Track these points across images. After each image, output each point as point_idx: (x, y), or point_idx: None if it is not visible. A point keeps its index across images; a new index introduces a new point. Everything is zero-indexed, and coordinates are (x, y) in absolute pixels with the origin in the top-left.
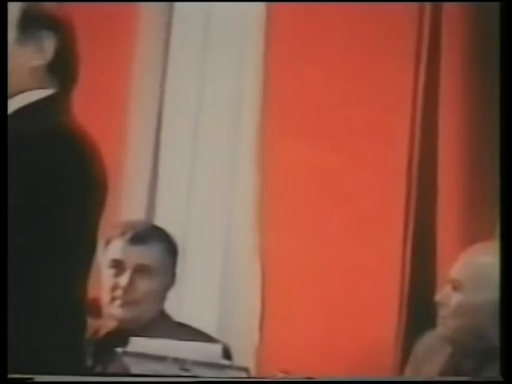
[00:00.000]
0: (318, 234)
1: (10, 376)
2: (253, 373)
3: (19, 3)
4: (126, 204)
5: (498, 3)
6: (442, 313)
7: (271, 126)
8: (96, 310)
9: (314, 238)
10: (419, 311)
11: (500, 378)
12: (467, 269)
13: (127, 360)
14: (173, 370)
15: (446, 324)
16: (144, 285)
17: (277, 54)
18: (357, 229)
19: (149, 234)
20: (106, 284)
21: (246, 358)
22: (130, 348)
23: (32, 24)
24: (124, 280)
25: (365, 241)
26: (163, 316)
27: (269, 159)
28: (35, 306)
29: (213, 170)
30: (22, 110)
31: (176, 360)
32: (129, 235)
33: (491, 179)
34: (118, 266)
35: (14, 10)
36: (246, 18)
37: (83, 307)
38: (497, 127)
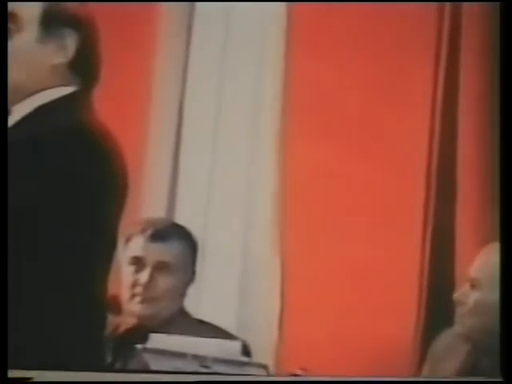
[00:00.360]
0: (337, 233)
1: (11, 376)
2: (271, 370)
3: (41, 1)
4: (146, 202)
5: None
6: (460, 311)
7: (290, 125)
8: (116, 307)
9: (332, 236)
10: (437, 310)
11: (500, 378)
12: (485, 267)
13: (147, 356)
14: (192, 366)
15: (463, 322)
16: (164, 282)
17: (297, 54)
18: (376, 228)
19: (169, 232)
20: (126, 281)
21: (265, 355)
22: (149, 345)
23: (54, 22)
24: (144, 277)
25: (384, 240)
26: (183, 313)
27: (288, 158)
28: (56, 302)
29: (232, 168)
30: (44, 108)
31: (196, 357)
32: (149, 232)
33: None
34: (138, 263)
35: (36, 9)
36: (267, 18)
37: (103, 304)
38: None
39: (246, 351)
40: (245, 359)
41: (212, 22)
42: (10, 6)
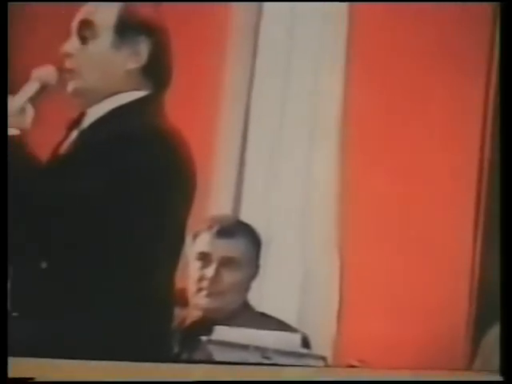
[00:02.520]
0: (394, 230)
1: (11, 376)
2: (330, 361)
3: (116, 8)
4: (213, 200)
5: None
6: None
7: (350, 125)
8: (183, 300)
9: (390, 233)
10: (488, 304)
11: (500, 378)
12: None
13: (211, 348)
14: (254, 357)
15: None
16: (229, 276)
17: (358, 56)
18: (429, 225)
19: (234, 229)
20: (193, 275)
21: (323, 347)
22: (214, 336)
23: (128, 29)
24: (210, 272)
25: (436, 237)
26: (246, 306)
27: (348, 156)
28: (126, 296)
29: (294, 167)
30: (117, 110)
31: (257, 348)
32: (215, 229)
33: None
34: (204, 258)
35: (111, 16)
36: (329, 17)
37: (171, 297)
38: None
39: (305, 343)
40: (304, 351)
41: (278, 23)
42: (86, 13)
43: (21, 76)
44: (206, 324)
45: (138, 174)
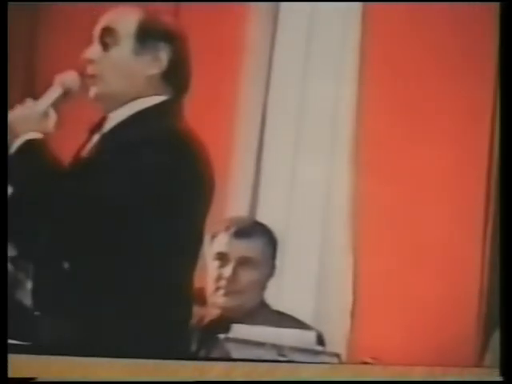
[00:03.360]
0: (406, 231)
1: (11, 376)
2: (344, 358)
3: (136, 16)
4: (231, 201)
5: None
6: None
7: (367, 129)
8: (201, 299)
9: (403, 234)
10: (497, 303)
11: (500, 378)
12: None
13: (229, 346)
14: (271, 355)
15: None
16: (246, 276)
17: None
18: (440, 229)
19: (251, 229)
20: (211, 275)
21: (338, 344)
22: (232, 334)
23: (148, 36)
24: (228, 271)
25: (447, 240)
26: (263, 305)
27: (364, 161)
28: (146, 294)
29: (311, 170)
30: (139, 114)
31: (274, 346)
32: (233, 230)
33: None
34: (222, 258)
35: (132, 24)
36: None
37: (190, 296)
38: None
39: (320, 341)
40: (319, 348)
41: (294, 30)
42: (107, 21)
43: (44, 81)
44: (223, 322)
45: (158, 176)
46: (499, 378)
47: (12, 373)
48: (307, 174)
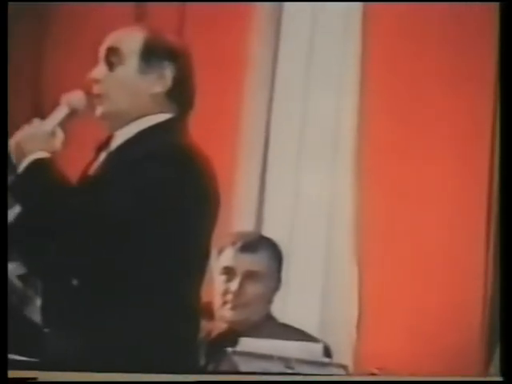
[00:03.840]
0: (410, 241)
1: (11, 376)
2: (351, 370)
3: (141, 35)
4: (236, 216)
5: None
6: None
7: (369, 140)
8: (209, 313)
9: (407, 243)
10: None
11: (500, 378)
12: None
13: (237, 359)
14: (278, 367)
15: None
16: (252, 289)
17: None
18: (444, 239)
19: (257, 243)
20: (218, 289)
21: (344, 355)
22: (239, 348)
23: (153, 55)
24: (234, 285)
25: (451, 251)
26: (270, 318)
27: (366, 173)
28: (154, 310)
29: (315, 183)
30: (145, 132)
31: (281, 358)
32: (239, 244)
33: None
34: (229, 272)
35: (136, 43)
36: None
37: (197, 310)
38: None
39: (327, 353)
40: (326, 360)
41: (296, 43)
42: (112, 40)
43: (51, 101)
44: (231, 336)
45: (164, 192)
46: (499, 378)
47: None
48: (311, 188)
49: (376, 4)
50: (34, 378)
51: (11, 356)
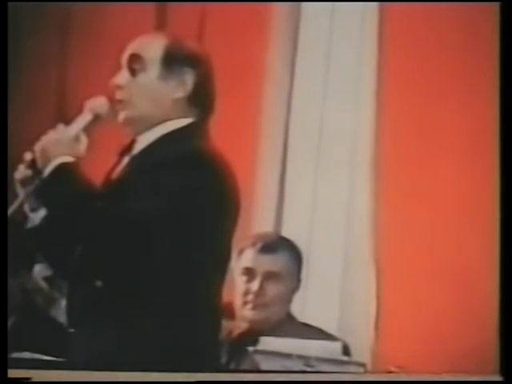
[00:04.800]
0: (427, 243)
1: (10, 376)
2: (369, 368)
3: (162, 42)
4: (256, 218)
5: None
6: None
7: (386, 147)
8: (230, 313)
9: (423, 245)
10: None
11: (500, 378)
12: None
13: (257, 357)
14: (298, 366)
15: None
16: (273, 289)
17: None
18: (461, 240)
19: (277, 244)
20: (239, 289)
21: (363, 354)
22: (260, 347)
23: (174, 62)
24: (255, 285)
25: (469, 250)
26: (289, 317)
27: (383, 178)
28: (176, 310)
29: (333, 187)
30: (166, 137)
31: (301, 357)
32: (259, 245)
33: None
34: (249, 273)
35: (158, 51)
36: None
37: (219, 310)
38: None
39: (346, 351)
40: (345, 358)
41: (314, 53)
42: (134, 48)
43: (75, 107)
44: (252, 335)
45: (187, 195)
46: (499, 378)
47: None
48: (329, 191)
49: (392, 4)
50: (29, 378)
51: (37, 356)
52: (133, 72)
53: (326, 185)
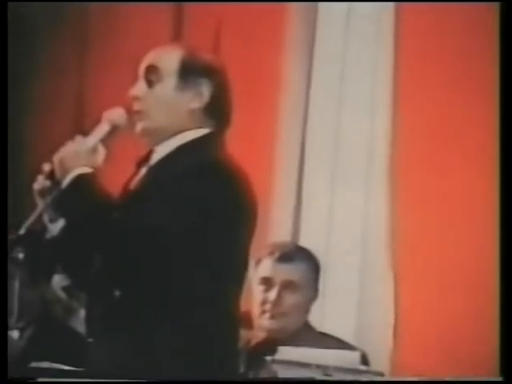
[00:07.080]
0: (444, 250)
1: (10, 376)
2: (387, 377)
3: (178, 54)
4: (273, 228)
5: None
6: None
7: (403, 154)
8: (248, 322)
9: (439, 252)
10: None
11: (500, 378)
12: None
13: (275, 367)
14: (316, 375)
15: None
16: (290, 299)
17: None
18: (476, 248)
19: (294, 254)
20: (257, 299)
21: (381, 363)
22: (278, 356)
23: (190, 73)
24: (272, 295)
25: (485, 259)
26: (307, 327)
27: (400, 186)
28: (195, 319)
29: (349, 196)
30: (183, 147)
31: (319, 366)
32: (277, 255)
33: None
34: (267, 282)
35: (174, 62)
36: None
37: (237, 320)
38: None
39: (364, 360)
40: (363, 368)
41: (330, 63)
42: (151, 59)
43: (93, 118)
44: (270, 344)
45: (204, 205)
46: (499, 378)
47: None
48: (346, 200)
49: (408, 4)
50: (32, 379)
51: (57, 366)
52: (150, 83)
53: (343, 193)
